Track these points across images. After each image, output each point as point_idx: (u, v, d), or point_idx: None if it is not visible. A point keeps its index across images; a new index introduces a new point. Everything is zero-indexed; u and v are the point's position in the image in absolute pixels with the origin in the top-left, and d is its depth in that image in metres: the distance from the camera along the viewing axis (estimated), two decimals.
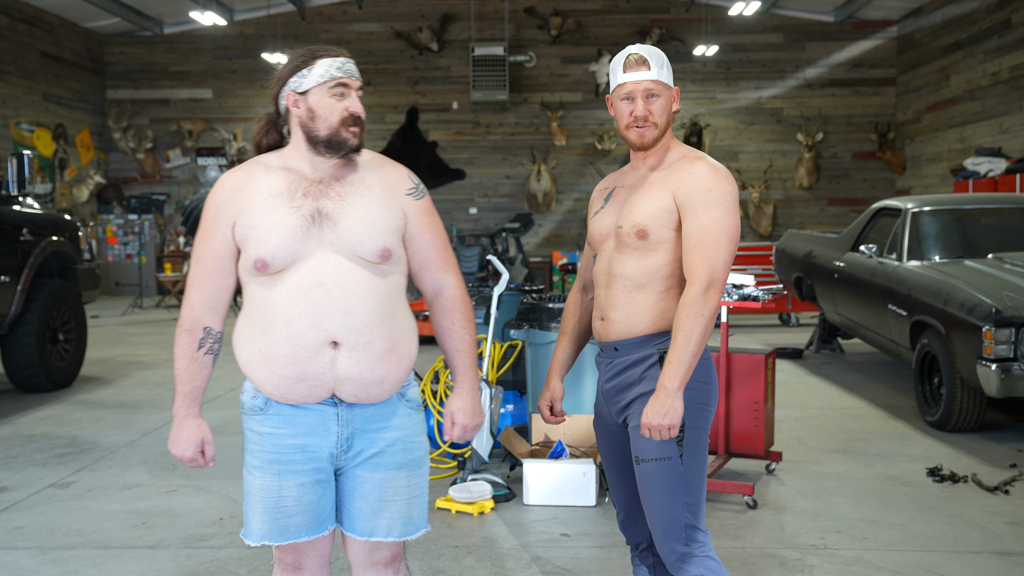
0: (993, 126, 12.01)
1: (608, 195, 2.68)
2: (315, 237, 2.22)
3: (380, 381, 2.26)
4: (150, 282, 15.16)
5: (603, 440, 2.73)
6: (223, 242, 2.29)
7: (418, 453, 2.37)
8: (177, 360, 2.33)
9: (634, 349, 2.54)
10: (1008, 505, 4.51)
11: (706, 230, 2.42)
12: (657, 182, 2.54)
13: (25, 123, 13.61)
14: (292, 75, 2.29)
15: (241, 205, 2.27)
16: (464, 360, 2.42)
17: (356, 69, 2.32)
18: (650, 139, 2.55)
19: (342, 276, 2.22)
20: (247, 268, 2.27)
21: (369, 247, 2.24)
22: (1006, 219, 7.02)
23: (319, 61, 2.27)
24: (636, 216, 2.52)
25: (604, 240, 2.63)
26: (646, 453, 2.49)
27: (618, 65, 2.57)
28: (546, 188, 15.43)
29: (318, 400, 2.26)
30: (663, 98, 2.55)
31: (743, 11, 13.61)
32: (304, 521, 2.29)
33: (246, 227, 2.25)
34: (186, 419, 2.32)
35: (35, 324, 7.08)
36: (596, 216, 2.67)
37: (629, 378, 2.55)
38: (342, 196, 2.27)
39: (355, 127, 2.28)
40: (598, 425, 2.74)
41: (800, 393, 7.20)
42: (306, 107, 2.28)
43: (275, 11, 15.53)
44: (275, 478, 2.27)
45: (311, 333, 2.20)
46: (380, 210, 2.29)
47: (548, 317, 4.93)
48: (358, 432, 2.29)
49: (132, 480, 5.00)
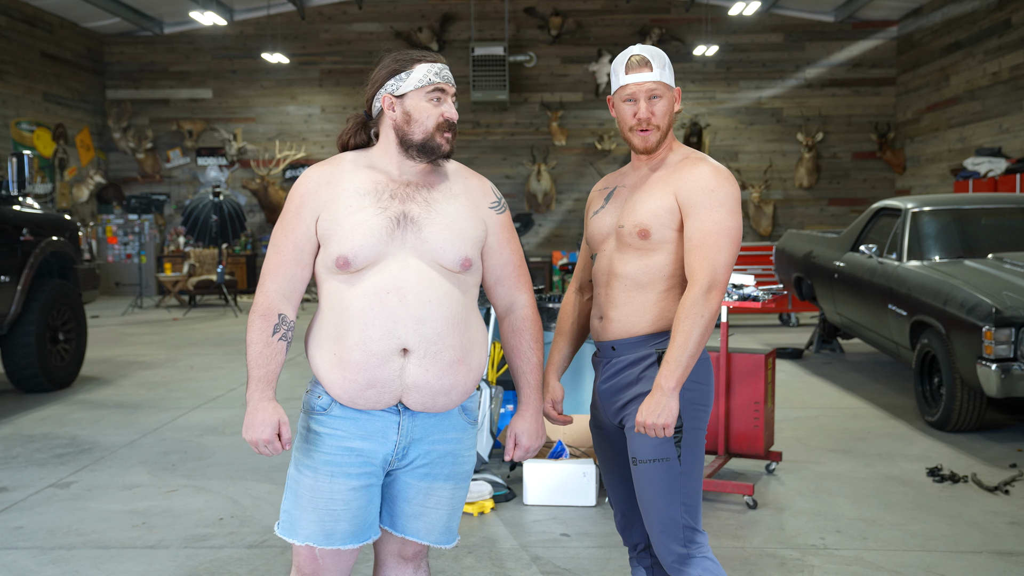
0: (993, 126, 12.01)
1: (608, 195, 2.66)
2: (399, 240, 2.22)
3: (448, 391, 2.27)
4: (150, 282, 15.17)
5: (599, 441, 2.72)
6: (305, 234, 2.28)
7: (466, 467, 2.40)
8: (251, 345, 2.27)
9: (632, 349, 2.53)
10: (1008, 505, 4.51)
11: (708, 231, 2.42)
12: (659, 182, 2.53)
13: (25, 123, 13.62)
14: (390, 78, 2.29)
15: (327, 199, 2.27)
16: (530, 382, 2.44)
17: (451, 75, 2.34)
18: (654, 142, 2.53)
19: (420, 282, 2.22)
20: (327, 264, 2.25)
21: (451, 255, 2.25)
22: (1006, 219, 7.02)
23: (418, 66, 2.28)
24: (638, 215, 2.51)
25: (605, 240, 2.61)
26: (643, 454, 2.48)
27: (620, 66, 2.55)
28: (546, 188, 15.43)
29: (385, 407, 2.26)
30: (665, 99, 2.53)
31: (743, 11, 13.61)
32: (350, 528, 2.27)
33: (331, 222, 2.24)
34: (261, 402, 2.25)
35: (35, 324, 7.08)
36: (596, 216, 2.66)
37: (626, 378, 2.54)
38: (428, 202, 2.28)
39: (449, 133, 2.30)
40: (594, 426, 2.73)
41: (800, 393, 7.20)
42: (402, 111, 2.28)
43: (275, 11, 15.53)
44: (327, 480, 2.26)
45: (384, 339, 2.20)
46: (465, 219, 2.30)
47: (548, 317, 4.94)
48: (415, 441, 2.30)
49: (132, 480, 5.00)
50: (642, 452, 2.48)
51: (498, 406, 4.89)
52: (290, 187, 17.61)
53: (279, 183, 15.87)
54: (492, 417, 4.79)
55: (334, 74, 15.80)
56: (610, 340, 2.56)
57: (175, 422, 6.34)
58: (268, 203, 15.61)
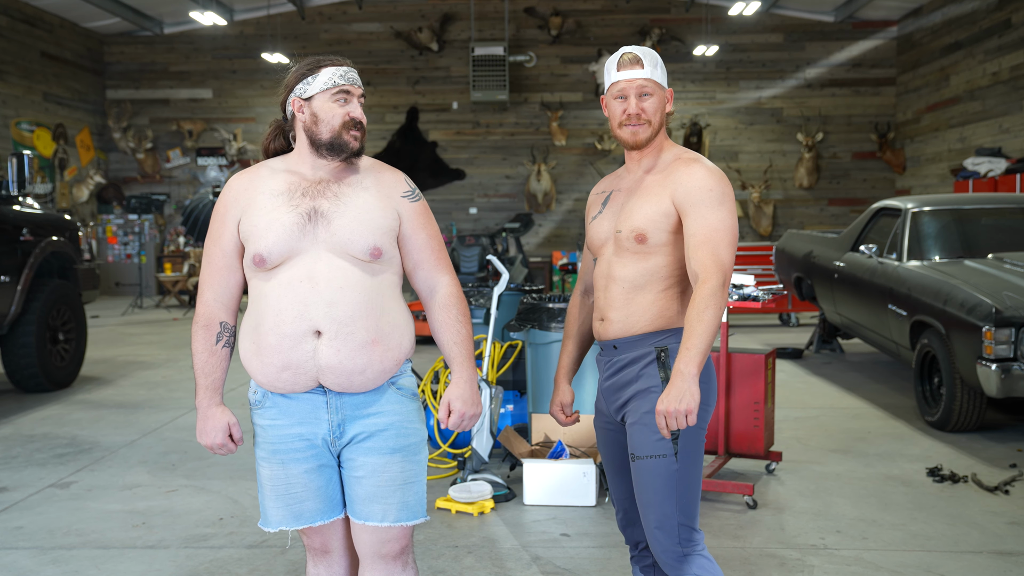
0: (993, 126, 12.01)
1: (605, 199, 2.70)
2: (310, 235, 2.33)
3: (362, 370, 2.32)
4: (150, 282, 15.17)
5: (603, 438, 2.74)
6: (230, 240, 2.41)
7: (413, 439, 2.42)
8: (197, 355, 2.43)
9: (632, 347, 2.57)
10: (1008, 505, 4.51)
11: (712, 227, 2.43)
12: (654, 185, 2.56)
13: (25, 123, 13.62)
14: (298, 82, 2.41)
15: (245, 204, 2.40)
16: (461, 351, 2.47)
17: (359, 78, 2.44)
18: (643, 138, 2.57)
19: (331, 271, 2.32)
20: (248, 264, 2.39)
21: (360, 245, 2.34)
22: (1006, 219, 7.02)
23: (323, 70, 2.39)
24: (634, 220, 2.54)
25: (603, 244, 2.65)
26: (642, 450, 2.50)
27: (612, 64, 2.59)
28: (546, 188, 15.43)
29: (304, 389, 2.35)
30: (656, 97, 2.57)
31: (743, 11, 13.60)
32: (317, 505, 2.41)
33: (249, 224, 2.37)
34: (210, 408, 2.42)
35: (35, 324, 7.08)
36: (594, 221, 2.69)
37: (627, 376, 2.58)
38: (338, 196, 2.39)
39: (355, 131, 2.40)
40: (598, 424, 2.76)
41: (800, 393, 7.20)
42: (310, 112, 2.39)
43: (275, 11, 15.53)
44: (280, 467, 2.38)
45: (296, 322, 2.30)
46: (374, 210, 2.39)
47: (548, 317, 4.93)
48: (348, 418, 2.37)
49: (132, 480, 5.00)
50: (641, 448, 2.50)
51: (498, 406, 4.88)
52: None
53: None
54: (492, 417, 4.79)
55: None
56: (611, 339, 2.60)
57: (175, 422, 6.34)
58: None
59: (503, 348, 5.52)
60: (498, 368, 5.45)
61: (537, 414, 4.91)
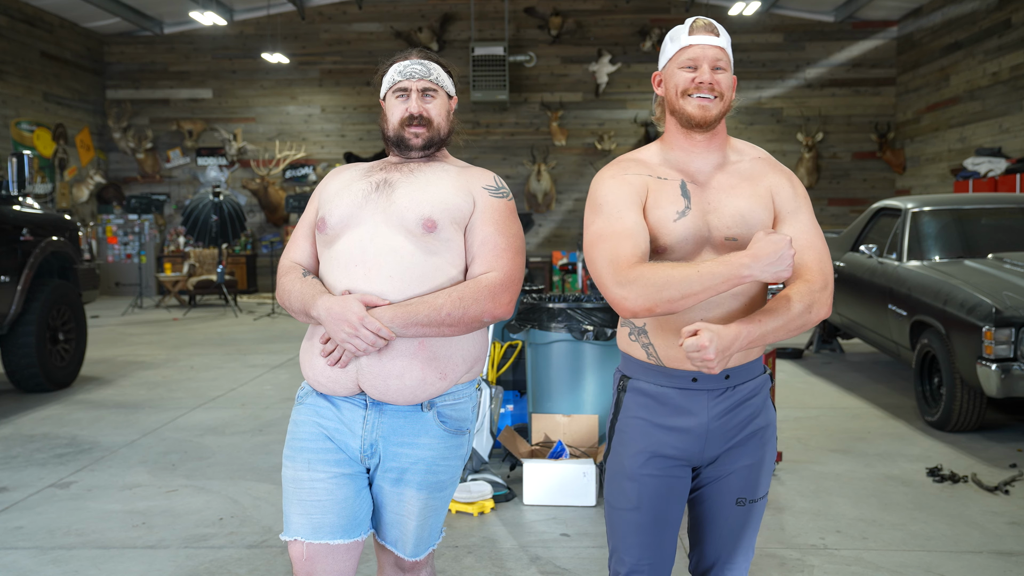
0: (993, 126, 12.01)
1: (684, 191, 2.19)
2: (372, 203, 2.26)
3: (400, 374, 2.17)
4: (150, 282, 15.17)
5: (659, 489, 2.22)
6: (314, 212, 2.40)
7: (443, 477, 2.29)
8: (292, 291, 2.26)
9: (747, 373, 2.22)
10: (1008, 505, 4.51)
11: (815, 233, 2.19)
12: (752, 182, 2.22)
13: (25, 123, 13.62)
14: (381, 82, 2.42)
15: (332, 184, 2.41)
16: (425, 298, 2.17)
17: (421, 69, 2.35)
18: (714, 114, 2.16)
19: (384, 255, 2.19)
20: (317, 236, 2.34)
21: (414, 213, 2.22)
22: (1006, 219, 7.02)
23: (391, 68, 2.39)
24: (750, 225, 2.17)
25: (696, 248, 2.17)
26: (758, 492, 2.27)
27: (680, 31, 2.22)
28: (546, 188, 15.43)
29: (346, 391, 2.22)
30: (729, 75, 2.19)
31: (743, 11, 13.61)
32: (339, 521, 2.22)
33: (327, 193, 2.37)
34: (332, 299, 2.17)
35: (35, 324, 7.08)
36: (679, 221, 2.15)
37: (748, 411, 2.22)
38: (412, 172, 2.33)
39: (414, 127, 2.33)
40: (656, 471, 2.21)
41: (800, 393, 7.20)
42: (383, 111, 2.43)
43: (275, 11, 15.53)
44: (306, 469, 2.24)
45: None
46: (444, 189, 2.28)
47: (548, 317, 4.93)
48: (383, 440, 2.24)
49: (132, 480, 5.00)
50: (758, 490, 2.26)
51: (498, 406, 4.88)
52: (290, 187, 17.48)
53: (279, 183, 15.87)
54: (492, 417, 4.79)
55: (334, 74, 15.79)
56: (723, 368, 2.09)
57: (175, 422, 6.34)
58: (268, 203, 15.61)
59: (503, 348, 5.52)
60: (498, 368, 5.45)
61: (537, 414, 4.90)
